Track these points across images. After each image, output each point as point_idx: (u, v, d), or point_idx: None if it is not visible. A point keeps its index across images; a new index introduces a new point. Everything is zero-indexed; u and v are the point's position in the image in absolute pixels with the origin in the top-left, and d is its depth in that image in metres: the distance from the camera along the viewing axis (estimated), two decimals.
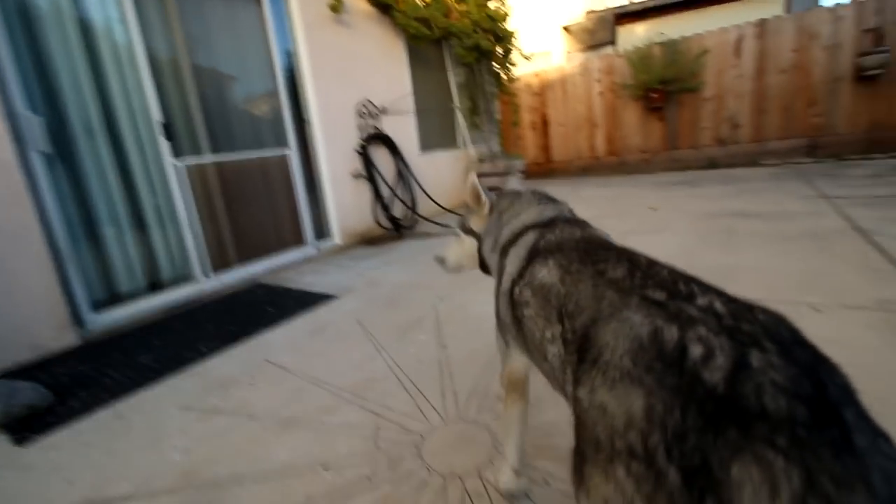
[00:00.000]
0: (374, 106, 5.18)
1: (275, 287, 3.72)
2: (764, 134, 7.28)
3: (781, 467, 0.44)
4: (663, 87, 7.41)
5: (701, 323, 0.58)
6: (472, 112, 6.51)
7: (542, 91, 8.70)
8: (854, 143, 6.73)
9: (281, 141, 4.31)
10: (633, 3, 8.89)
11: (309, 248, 4.57)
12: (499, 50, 5.96)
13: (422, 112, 5.99)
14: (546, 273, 0.91)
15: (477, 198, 1.38)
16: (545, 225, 1.16)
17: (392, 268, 3.99)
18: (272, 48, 4.20)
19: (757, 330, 0.56)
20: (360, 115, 5.01)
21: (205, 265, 3.69)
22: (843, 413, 0.48)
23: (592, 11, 9.35)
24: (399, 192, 5.39)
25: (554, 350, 0.81)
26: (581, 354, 0.69)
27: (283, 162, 4.31)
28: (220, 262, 3.81)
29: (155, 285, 3.43)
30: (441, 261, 1.60)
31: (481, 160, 6.21)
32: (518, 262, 1.07)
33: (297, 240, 4.50)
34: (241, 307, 3.29)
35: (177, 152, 3.47)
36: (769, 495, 0.44)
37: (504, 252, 1.17)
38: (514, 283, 1.04)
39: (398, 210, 5.26)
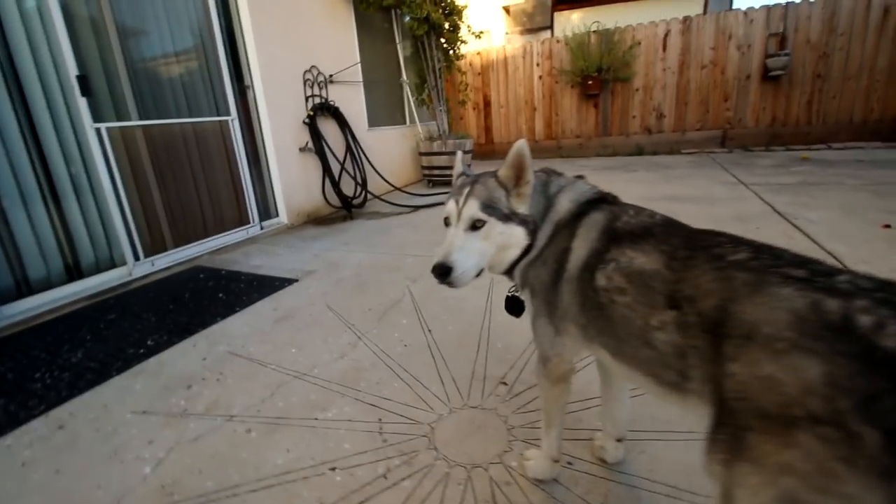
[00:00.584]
0: (322, 74, 4.80)
1: (220, 271, 3.37)
2: (684, 124, 7.92)
3: None
4: (599, 75, 7.73)
5: (857, 296, 0.59)
6: (420, 88, 6.32)
7: (484, 71, 8.68)
8: (758, 135, 7.56)
9: (221, 107, 3.85)
10: None
11: (254, 228, 4.19)
12: (447, 25, 5.80)
13: (370, 85, 5.69)
14: (645, 259, 0.87)
15: (523, 171, 1.11)
16: (602, 201, 1.12)
17: (350, 249, 3.79)
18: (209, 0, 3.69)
19: None
20: (307, 83, 4.63)
21: (136, 247, 3.23)
22: None
23: None
24: (348, 168, 5.11)
25: (664, 337, 0.79)
26: (721, 332, 0.67)
27: (223, 130, 3.87)
28: (153, 244, 3.37)
29: (75, 270, 2.94)
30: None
31: (431, 138, 6.08)
32: (590, 245, 1.02)
33: (241, 218, 4.10)
34: (186, 294, 2.94)
35: (98, 115, 2.95)
36: None
37: (562, 230, 1.12)
38: (589, 267, 0.99)
39: (348, 188, 4.99)
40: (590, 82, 7.81)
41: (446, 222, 1.21)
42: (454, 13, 5.80)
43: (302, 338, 2.33)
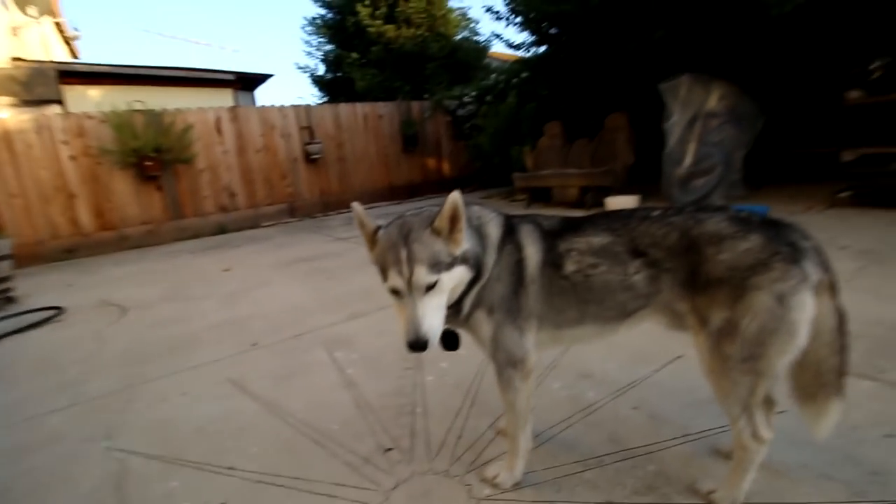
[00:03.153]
0: None
1: None
2: (256, 201, 8.51)
3: None
4: (158, 156, 7.06)
5: (729, 209, 1.22)
6: None
7: None
8: (315, 205, 9.19)
9: None
10: (79, 63, 7.69)
11: None
12: None
13: None
14: (597, 239, 1.25)
15: (458, 221, 1.19)
16: (515, 217, 1.41)
17: None
18: None
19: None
20: None
21: None
22: None
23: (20, 59, 7.20)
24: None
25: (640, 276, 1.20)
26: (694, 247, 1.15)
27: None
28: None
29: None
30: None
31: None
32: (540, 248, 1.29)
33: None
34: None
35: None
36: None
37: (505, 248, 1.30)
38: (549, 262, 1.28)
39: None
40: (148, 163, 7.00)
41: (394, 293, 1.20)
42: None
43: None
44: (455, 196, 1.17)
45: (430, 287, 1.16)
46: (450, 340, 1.41)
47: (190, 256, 6.11)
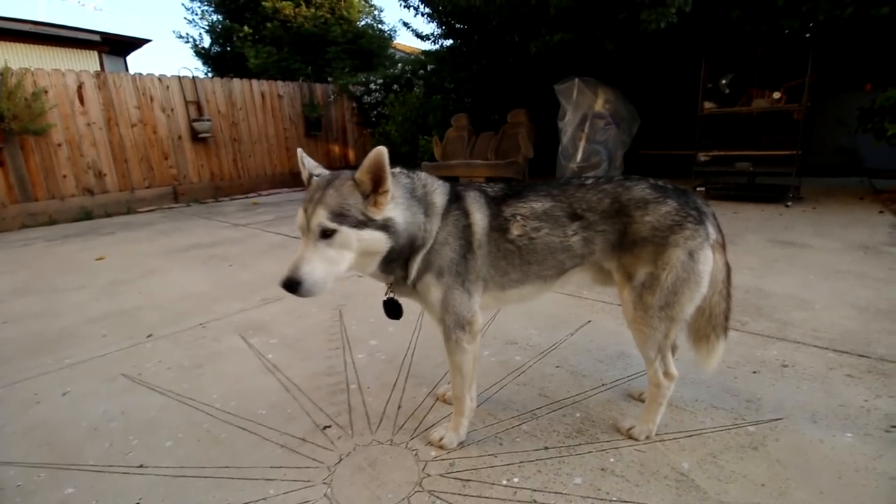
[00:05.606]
0: None
1: None
2: (131, 182, 7.43)
3: None
4: (1, 125, 5.81)
5: (650, 179, 1.37)
6: None
7: None
8: (204, 189, 8.32)
9: None
10: None
11: None
12: None
13: None
14: (539, 204, 1.33)
15: (381, 181, 1.16)
16: (462, 185, 1.44)
17: None
18: None
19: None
20: None
21: None
22: None
23: None
24: None
25: (577, 237, 1.31)
26: (624, 210, 1.29)
27: None
28: None
29: None
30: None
31: None
32: (486, 213, 1.34)
33: None
34: None
35: None
36: None
37: (451, 215, 1.33)
38: (496, 227, 1.34)
39: None
40: None
41: (301, 231, 1.20)
42: None
43: None
44: (379, 150, 1.13)
45: (328, 235, 1.13)
46: (393, 309, 1.42)
47: (47, 245, 5.15)
